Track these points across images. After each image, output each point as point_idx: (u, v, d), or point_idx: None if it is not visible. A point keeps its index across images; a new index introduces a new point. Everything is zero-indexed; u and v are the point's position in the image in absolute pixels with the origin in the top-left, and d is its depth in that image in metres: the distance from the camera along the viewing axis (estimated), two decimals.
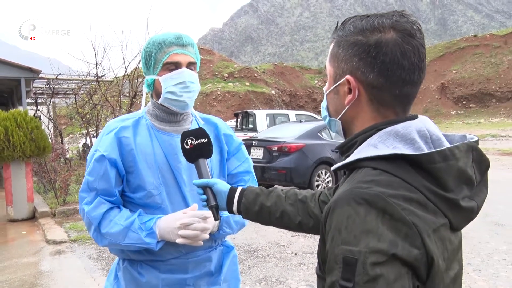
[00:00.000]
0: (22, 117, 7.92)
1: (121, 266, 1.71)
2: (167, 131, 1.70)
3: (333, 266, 0.81)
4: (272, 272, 4.84)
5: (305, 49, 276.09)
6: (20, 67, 11.67)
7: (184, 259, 1.67)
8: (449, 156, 0.87)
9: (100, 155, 1.60)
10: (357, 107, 0.97)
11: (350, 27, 0.96)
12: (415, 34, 0.91)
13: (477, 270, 4.74)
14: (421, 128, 0.91)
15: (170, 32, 1.67)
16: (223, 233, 1.71)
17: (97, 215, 1.58)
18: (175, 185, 1.66)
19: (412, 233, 0.79)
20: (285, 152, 9.12)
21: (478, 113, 49.27)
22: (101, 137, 1.66)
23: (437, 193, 0.85)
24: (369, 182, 0.84)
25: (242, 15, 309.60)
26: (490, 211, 7.39)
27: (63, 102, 21.84)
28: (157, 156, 1.64)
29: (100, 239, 1.61)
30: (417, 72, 0.92)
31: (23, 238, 6.78)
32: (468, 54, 55.81)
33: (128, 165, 1.62)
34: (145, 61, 1.66)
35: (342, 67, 0.96)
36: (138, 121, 1.70)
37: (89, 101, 13.86)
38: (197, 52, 1.70)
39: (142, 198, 1.62)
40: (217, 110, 40.22)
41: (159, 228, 1.57)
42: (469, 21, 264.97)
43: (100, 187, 1.59)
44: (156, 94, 1.67)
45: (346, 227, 0.80)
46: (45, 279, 4.99)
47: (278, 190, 1.40)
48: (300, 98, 49.80)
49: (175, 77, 1.62)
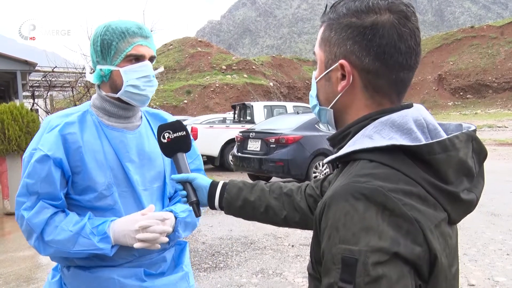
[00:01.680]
0: (18, 110, 7.88)
1: (67, 273, 1.56)
2: (116, 127, 1.57)
3: (330, 267, 0.76)
4: (269, 264, 4.84)
5: (303, 41, 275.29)
6: (16, 60, 11.60)
7: (138, 262, 1.57)
8: (449, 146, 0.82)
9: (42, 154, 1.44)
10: (351, 94, 0.91)
11: (342, 9, 0.89)
12: (410, 17, 0.86)
13: (473, 260, 4.75)
14: (417, 117, 0.86)
15: (128, 20, 1.55)
16: (178, 234, 1.62)
17: (40, 222, 1.43)
18: (128, 185, 1.55)
19: (414, 230, 0.74)
20: (283, 144, 9.12)
21: (475, 104, 49.35)
22: (42, 135, 1.50)
23: (437, 186, 0.80)
24: (366, 176, 0.78)
25: (240, 7, 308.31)
26: (486, 201, 7.41)
27: (60, 95, 21.78)
28: (107, 154, 1.52)
29: (44, 248, 1.46)
30: (413, 56, 0.87)
31: (19, 232, 6.74)
32: (465, 45, 55.85)
33: (75, 165, 1.48)
34: (101, 49, 1.51)
35: (334, 52, 0.90)
36: (84, 116, 1.55)
37: (86, 94, 13.81)
38: (155, 45, 1.61)
39: (92, 200, 1.50)
40: (215, 102, 40.17)
41: (113, 232, 1.45)
42: (466, 12, 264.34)
43: (43, 191, 1.44)
44: (112, 87, 1.54)
45: (344, 224, 0.75)
46: (41, 272, 4.98)
47: (261, 184, 1.35)
48: (298, 90, 49.76)
49: (139, 70, 1.51)
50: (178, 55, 48.75)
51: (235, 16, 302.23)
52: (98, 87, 1.60)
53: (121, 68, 1.51)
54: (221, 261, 4.99)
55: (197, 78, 44.98)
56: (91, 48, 1.57)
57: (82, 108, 1.60)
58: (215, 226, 6.52)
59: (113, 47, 1.50)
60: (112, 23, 1.54)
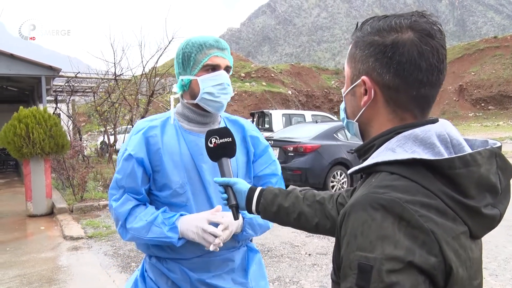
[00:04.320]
0: (41, 114, 8.06)
1: (149, 262, 1.76)
2: (194, 131, 1.72)
3: (347, 272, 0.80)
4: (286, 273, 4.85)
5: (322, 50, 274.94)
6: (41, 65, 11.84)
7: (207, 258, 1.69)
8: (471, 162, 0.84)
9: (128, 154, 1.64)
10: (374, 109, 0.95)
11: (367, 28, 0.95)
12: (434, 35, 0.89)
13: (493, 275, 4.69)
14: (441, 132, 0.88)
15: (207, 35, 1.71)
16: (246, 234, 1.72)
17: (124, 211, 1.63)
18: (200, 185, 1.68)
19: (430, 241, 0.77)
20: (301, 152, 9.12)
21: (497, 115, 48.45)
22: (130, 137, 1.70)
23: (457, 200, 0.82)
24: (386, 187, 0.82)
25: (260, 15, 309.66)
26: (508, 215, 7.23)
27: (82, 100, 22.14)
28: (183, 156, 1.67)
29: (125, 234, 1.66)
30: (435, 74, 0.89)
31: (41, 234, 6.90)
32: (488, 55, 54.92)
33: (155, 164, 1.65)
34: (183, 61, 1.68)
35: (358, 68, 0.95)
36: (166, 121, 1.73)
37: (107, 99, 14.04)
38: (231, 57, 1.73)
39: (168, 196, 1.66)
40: (233, 109, 40.29)
41: (181, 225, 1.60)
42: (489, 22, 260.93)
43: (127, 185, 1.64)
44: (191, 95, 1.69)
45: (362, 232, 0.79)
46: (62, 274, 5.08)
47: (296, 191, 1.40)
48: (317, 98, 49.61)
49: (214, 78, 1.65)
50: None
51: (254, 24, 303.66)
52: (181, 96, 1.76)
53: (198, 77, 1.66)
54: None
55: None
56: (175, 62, 1.74)
57: (166, 114, 1.78)
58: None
59: (192, 59, 1.66)
60: (193, 38, 1.70)
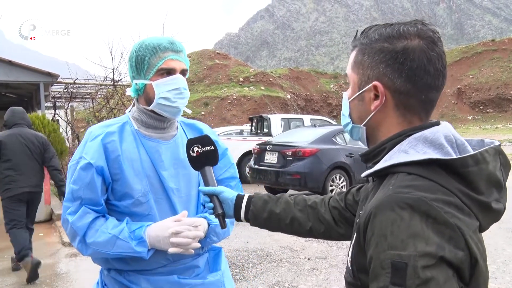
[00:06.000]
0: (40, 120, 8.08)
1: (107, 275, 1.66)
2: (153, 137, 1.67)
3: (379, 272, 0.81)
4: (285, 277, 4.84)
5: (320, 54, 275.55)
6: (40, 72, 11.86)
7: (172, 267, 1.64)
8: (481, 160, 0.89)
9: (86, 163, 1.55)
10: (383, 113, 0.98)
11: (374, 35, 0.98)
12: (437, 42, 0.94)
13: (493, 278, 4.68)
14: (447, 133, 0.93)
15: (161, 36, 1.66)
16: (210, 241, 1.68)
17: (83, 226, 1.53)
18: (163, 193, 1.63)
19: (456, 236, 0.80)
20: (299, 156, 9.12)
21: (496, 118, 48.55)
22: (85, 144, 1.60)
23: (471, 196, 0.87)
24: (408, 187, 0.85)
25: (258, 20, 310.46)
26: (507, 218, 7.25)
27: (80, 106, 22.13)
28: (144, 163, 1.61)
29: (85, 249, 1.56)
30: (441, 78, 0.95)
31: (40, 240, 6.88)
32: (486, 58, 55.08)
33: (114, 173, 1.57)
34: (136, 65, 1.61)
35: (367, 74, 0.98)
36: (123, 127, 1.66)
37: (106, 105, 14.03)
38: (187, 59, 1.69)
39: (129, 206, 1.58)
40: (232, 114, 40.32)
41: (149, 236, 1.53)
42: (486, 26, 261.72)
43: (85, 196, 1.54)
44: (146, 100, 1.64)
45: (392, 232, 0.81)
46: (61, 280, 5.06)
47: (286, 197, 1.41)
48: (316, 102, 49.68)
49: (169, 83, 1.60)
50: (196, 67, 49.18)
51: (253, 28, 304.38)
52: (136, 100, 1.70)
53: (153, 81, 1.60)
54: (237, 273, 5.00)
55: (215, 90, 45.23)
56: (128, 65, 1.67)
57: (122, 119, 1.70)
58: (232, 238, 6.54)
59: (145, 62, 1.59)
60: (146, 39, 1.63)
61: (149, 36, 1.71)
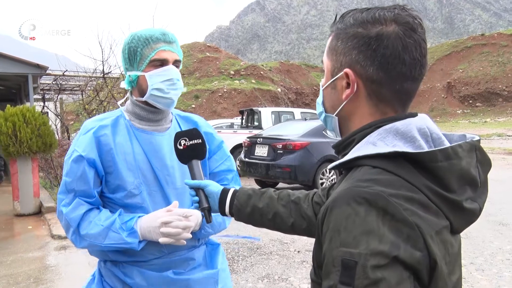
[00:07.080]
0: (30, 113, 7.98)
1: (104, 267, 1.67)
2: (146, 130, 1.66)
3: (330, 270, 0.77)
4: (275, 270, 4.86)
5: (311, 47, 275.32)
6: (28, 64, 11.73)
7: (167, 259, 1.63)
8: (452, 155, 0.83)
9: (78, 155, 1.55)
10: (355, 103, 0.93)
11: (349, 20, 0.92)
12: (416, 28, 0.88)
13: (480, 270, 4.74)
14: (421, 126, 0.87)
15: (154, 28, 1.65)
16: (205, 232, 1.68)
17: (76, 217, 1.54)
18: (156, 185, 1.62)
19: (415, 235, 0.75)
20: (290, 150, 9.14)
21: (485, 112, 48.97)
22: (79, 137, 1.61)
23: (439, 194, 0.81)
24: (368, 181, 0.80)
25: (249, 13, 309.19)
26: (495, 210, 7.37)
27: (70, 99, 21.95)
28: (137, 156, 1.61)
29: (79, 241, 1.56)
30: (418, 68, 0.88)
31: (29, 233, 6.84)
32: (475, 53, 55.42)
33: (107, 165, 1.58)
34: (129, 56, 1.61)
35: (340, 61, 0.92)
36: (117, 120, 1.66)
37: (96, 97, 13.92)
38: (180, 50, 1.68)
39: (122, 198, 1.59)
40: (223, 107, 40.22)
41: (140, 227, 1.53)
42: (476, 20, 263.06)
43: (78, 188, 1.55)
44: (140, 91, 1.63)
45: (345, 227, 0.76)
46: (50, 273, 5.04)
47: (270, 191, 1.37)
48: (306, 96, 49.71)
49: (162, 74, 1.59)
50: (186, 60, 48.89)
51: (243, 21, 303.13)
52: (130, 93, 1.69)
53: (146, 73, 1.59)
54: None
55: (205, 83, 45.03)
56: (121, 57, 1.67)
57: (116, 113, 1.70)
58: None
59: (138, 54, 1.59)
60: (139, 31, 1.63)
61: (140, 28, 1.70)
